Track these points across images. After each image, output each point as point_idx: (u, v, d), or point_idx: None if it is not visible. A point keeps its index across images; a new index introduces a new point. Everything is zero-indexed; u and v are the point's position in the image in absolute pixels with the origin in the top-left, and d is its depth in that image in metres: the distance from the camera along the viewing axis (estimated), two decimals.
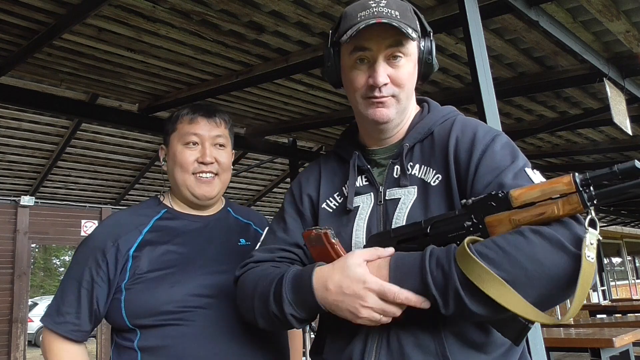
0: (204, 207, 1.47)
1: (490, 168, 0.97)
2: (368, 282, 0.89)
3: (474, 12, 2.32)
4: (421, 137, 1.11)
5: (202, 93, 4.10)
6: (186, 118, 1.43)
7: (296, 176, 1.27)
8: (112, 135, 5.62)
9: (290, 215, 1.19)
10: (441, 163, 1.05)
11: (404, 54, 1.06)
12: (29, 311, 9.72)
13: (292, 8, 2.96)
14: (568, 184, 0.82)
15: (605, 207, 10.83)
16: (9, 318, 6.38)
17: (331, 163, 1.22)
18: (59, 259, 28.28)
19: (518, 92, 4.14)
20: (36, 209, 6.71)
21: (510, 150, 1.02)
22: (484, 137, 1.03)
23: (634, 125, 4.45)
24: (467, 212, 0.90)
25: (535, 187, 0.85)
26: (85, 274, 1.32)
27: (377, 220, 1.07)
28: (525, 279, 0.80)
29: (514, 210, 0.85)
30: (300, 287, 0.97)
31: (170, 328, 1.27)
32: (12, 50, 3.38)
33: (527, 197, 0.85)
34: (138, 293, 1.29)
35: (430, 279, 0.85)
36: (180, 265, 1.34)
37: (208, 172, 1.41)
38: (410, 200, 1.04)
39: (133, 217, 1.41)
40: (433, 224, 0.94)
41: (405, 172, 1.06)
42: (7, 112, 4.80)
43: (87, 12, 2.81)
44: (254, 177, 7.49)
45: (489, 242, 0.85)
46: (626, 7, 3.03)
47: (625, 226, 15.25)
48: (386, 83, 1.05)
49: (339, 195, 1.15)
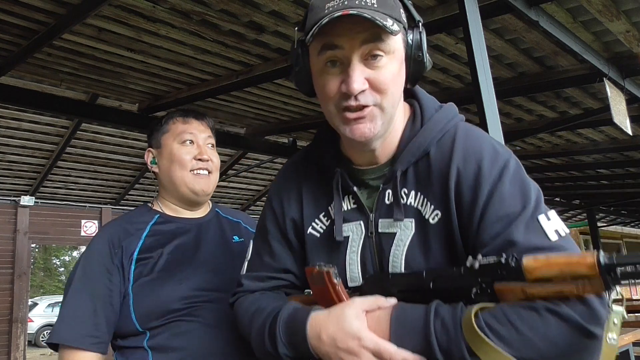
0: (197, 207, 1.51)
1: (498, 216, 0.84)
2: (363, 339, 0.82)
3: (474, 12, 2.32)
4: (415, 159, 0.94)
5: (202, 93, 4.10)
6: (179, 119, 1.48)
7: (274, 184, 1.13)
8: (112, 135, 5.62)
9: (276, 238, 1.07)
10: (440, 197, 0.90)
11: (385, 51, 0.86)
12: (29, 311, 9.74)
13: (292, 8, 2.96)
14: (591, 269, 0.71)
15: (605, 207, 10.84)
16: (9, 318, 6.39)
17: (311, 177, 1.05)
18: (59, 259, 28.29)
19: (518, 92, 4.14)
20: (36, 209, 6.72)
21: (519, 187, 0.87)
22: (490, 171, 0.87)
23: (634, 125, 4.44)
24: (474, 275, 0.80)
25: (553, 265, 0.74)
26: (99, 285, 1.31)
27: (371, 254, 0.95)
28: (539, 358, 0.74)
29: (529, 284, 0.76)
30: (294, 332, 0.90)
31: (181, 324, 1.29)
32: (12, 50, 3.38)
33: (543, 275, 0.75)
34: (146, 294, 1.31)
35: (435, 342, 0.77)
36: (184, 263, 1.37)
37: (205, 168, 1.45)
38: (407, 237, 0.92)
39: (129, 224, 1.43)
40: (435, 278, 0.84)
41: (399, 204, 0.92)
42: (7, 112, 4.80)
43: (87, 12, 2.81)
44: (254, 177, 7.49)
45: (500, 313, 0.76)
46: (626, 7, 3.03)
47: (625, 226, 15.24)
48: (364, 89, 0.86)
49: (325, 217, 1.01)
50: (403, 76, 0.92)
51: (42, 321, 15.93)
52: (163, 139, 1.47)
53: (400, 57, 0.90)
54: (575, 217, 13.17)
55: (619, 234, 15.08)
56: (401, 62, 0.91)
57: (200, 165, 1.44)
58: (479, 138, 0.93)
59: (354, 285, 0.97)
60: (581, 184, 8.32)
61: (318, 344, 0.86)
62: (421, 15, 0.94)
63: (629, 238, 15.74)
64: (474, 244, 0.86)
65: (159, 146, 1.48)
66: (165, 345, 1.28)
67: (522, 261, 0.75)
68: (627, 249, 15.73)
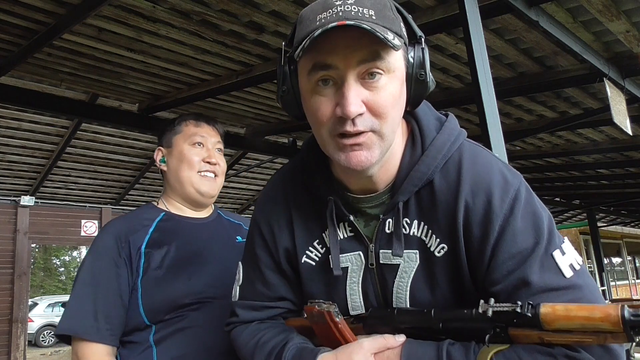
0: (201, 207, 1.54)
1: (510, 254, 0.79)
2: None
3: (474, 12, 2.32)
4: (416, 189, 0.87)
5: (202, 93, 4.10)
6: (192, 121, 1.53)
7: (261, 207, 1.04)
8: (112, 135, 5.62)
9: (269, 267, 0.99)
10: (446, 231, 0.84)
11: (384, 70, 0.77)
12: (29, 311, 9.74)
13: (292, 8, 2.96)
14: (615, 325, 0.66)
15: (605, 207, 10.84)
16: (9, 318, 6.39)
17: (301, 200, 0.96)
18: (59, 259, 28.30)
19: (518, 92, 4.14)
20: (36, 209, 6.72)
21: (532, 221, 0.81)
22: (501, 206, 0.81)
23: (634, 125, 4.44)
24: (487, 320, 0.75)
25: (573, 319, 0.69)
26: (107, 278, 1.32)
27: (373, 285, 0.90)
28: None
29: (546, 332, 0.72)
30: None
31: (187, 319, 1.31)
32: (12, 50, 3.38)
33: (562, 326, 0.70)
34: (154, 288, 1.32)
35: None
36: (192, 260, 1.40)
37: (212, 171, 1.50)
38: (412, 268, 0.86)
39: (135, 221, 1.45)
40: (445, 319, 0.80)
41: (400, 239, 0.85)
42: (7, 112, 4.80)
43: (87, 12, 2.81)
44: (254, 177, 7.49)
45: (516, 358, 0.74)
46: (626, 7, 3.03)
47: (625, 226, 15.25)
48: (361, 113, 0.76)
49: (320, 244, 0.94)
50: (404, 98, 0.83)
51: (42, 321, 15.93)
52: (174, 139, 1.52)
53: (401, 77, 0.81)
54: (575, 217, 13.17)
55: (619, 234, 15.08)
56: (402, 82, 0.81)
57: (208, 168, 1.49)
58: (485, 165, 0.86)
59: (357, 313, 0.93)
60: (581, 184, 8.33)
61: None
62: (421, 15, 0.88)
63: (629, 238, 15.74)
64: (484, 281, 0.82)
65: (169, 145, 1.53)
66: (170, 340, 1.30)
67: (540, 310, 0.71)
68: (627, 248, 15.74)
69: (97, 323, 1.27)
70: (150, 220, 1.45)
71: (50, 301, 17.18)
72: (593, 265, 12.35)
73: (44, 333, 15.95)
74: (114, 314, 1.30)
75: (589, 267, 13.09)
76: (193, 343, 1.30)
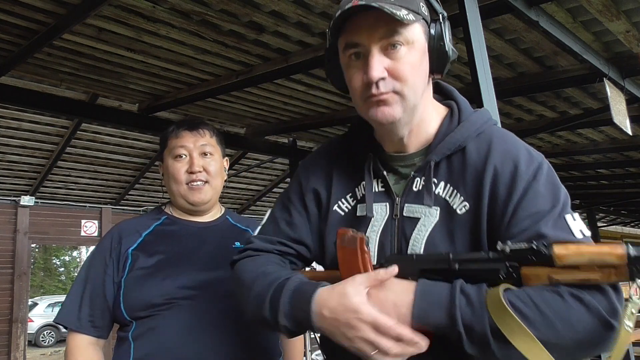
0: (201, 213, 1.57)
1: (529, 212, 0.88)
2: (361, 313, 0.84)
3: (474, 12, 2.32)
4: (450, 152, 0.98)
5: (202, 93, 4.10)
6: (173, 134, 1.55)
7: (305, 161, 1.18)
8: (112, 135, 5.62)
9: (296, 208, 1.10)
10: (472, 192, 0.94)
11: (404, 41, 0.91)
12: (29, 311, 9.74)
13: (292, 8, 2.96)
14: (620, 258, 0.76)
15: (605, 207, 10.84)
16: (9, 318, 6.39)
17: (343, 159, 1.10)
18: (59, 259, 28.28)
19: (518, 92, 4.13)
20: (36, 209, 6.72)
21: (552, 189, 0.92)
22: (526, 171, 0.92)
23: (634, 125, 4.44)
24: (502, 258, 0.83)
25: (583, 252, 0.79)
26: (96, 275, 1.45)
27: (392, 236, 0.98)
28: (556, 340, 0.78)
29: (556, 269, 0.80)
30: (299, 306, 0.91)
31: (159, 318, 1.37)
32: (12, 50, 3.38)
33: (573, 261, 0.79)
34: (133, 287, 1.41)
35: (459, 315, 0.80)
36: (172, 262, 1.45)
37: (198, 180, 1.51)
38: (431, 223, 0.95)
39: (136, 224, 1.54)
40: (462, 260, 0.87)
41: (430, 191, 0.96)
42: (7, 112, 4.80)
43: (87, 12, 2.81)
44: (254, 177, 7.49)
45: (524, 295, 0.80)
46: (626, 7, 3.03)
47: (625, 226, 15.24)
48: (383, 77, 0.91)
49: (352, 197, 1.06)
50: (425, 66, 0.96)
51: (42, 321, 15.92)
52: (164, 154, 1.57)
53: (422, 48, 0.94)
54: None
55: (619, 234, 15.08)
56: (422, 52, 0.95)
57: (193, 178, 1.51)
58: (514, 143, 0.98)
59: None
60: (581, 184, 8.33)
61: (321, 320, 0.88)
62: None
63: (629, 238, 15.74)
64: (501, 236, 0.89)
65: (162, 160, 1.58)
66: (144, 337, 1.37)
67: (553, 247, 0.79)
68: None
69: (80, 314, 1.42)
70: (150, 224, 1.53)
71: (50, 301, 17.17)
72: None
73: (44, 333, 15.95)
74: (97, 307, 1.42)
75: None
76: (162, 341, 1.35)
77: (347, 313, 0.85)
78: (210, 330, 1.37)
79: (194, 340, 1.35)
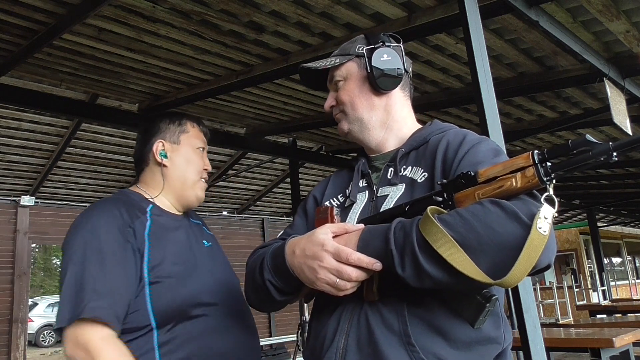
0: (186, 210, 1.54)
1: (471, 162, 1.03)
2: (326, 245, 0.98)
3: (474, 12, 2.32)
4: (417, 145, 1.19)
5: (202, 93, 4.10)
6: (197, 125, 1.55)
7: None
8: (112, 135, 5.61)
9: (299, 214, 1.32)
10: (429, 163, 1.12)
11: (341, 77, 1.24)
12: (29, 311, 9.73)
13: (292, 8, 2.96)
14: (526, 159, 0.89)
15: (605, 207, 10.83)
16: (9, 318, 6.38)
17: (342, 172, 1.34)
18: (59, 259, 28.26)
19: (518, 92, 4.14)
20: (36, 209, 6.71)
21: (495, 151, 1.08)
22: (472, 139, 1.11)
23: (634, 125, 4.45)
24: (441, 190, 0.98)
25: (499, 164, 0.93)
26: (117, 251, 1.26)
27: (368, 213, 1.15)
28: (477, 243, 0.85)
29: (479, 186, 0.93)
30: (277, 255, 1.08)
31: (200, 320, 1.30)
32: (12, 50, 3.37)
33: (491, 173, 0.92)
34: (170, 287, 1.28)
35: (392, 237, 0.93)
36: (197, 259, 1.40)
37: (205, 178, 1.55)
38: (397, 195, 1.12)
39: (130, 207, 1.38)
40: (412, 203, 1.02)
41: (397, 173, 1.15)
42: (7, 112, 4.80)
43: (87, 12, 2.80)
44: (253, 177, 7.49)
45: (452, 211, 0.92)
46: (626, 7, 3.03)
47: (625, 226, 15.25)
48: (333, 105, 1.26)
49: (342, 196, 1.25)
50: (365, 90, 1.23)
51: (42, 321, 15.93)
52: (182, 138, 1.51)
53: (357, 77, 1.23)
54: (575, 217, 13.17)
55: (619, 234, 15.09)
56: (359, 80, 1.23)
57: (205, 176, 1.54)
58: (466, 130, 1.18)
59: None
60: (581, 184, 8.33)
61: (292, 258, 1.04)
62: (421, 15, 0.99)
63: (629, 238, 15.75)
64: None
65: (176, 142, 1.50)
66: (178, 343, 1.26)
67: (478, 169, 0.95)
68: (627, 248, 15.74)
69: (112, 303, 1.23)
70: (144, 209, 1.40)
71: (50, 301, 17.16)
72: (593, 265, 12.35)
73: (44, 333, 15.96)
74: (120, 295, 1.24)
75: (589, 267, 13.10)
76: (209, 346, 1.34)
77: (313, 247, 1.00)
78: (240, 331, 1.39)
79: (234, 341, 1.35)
